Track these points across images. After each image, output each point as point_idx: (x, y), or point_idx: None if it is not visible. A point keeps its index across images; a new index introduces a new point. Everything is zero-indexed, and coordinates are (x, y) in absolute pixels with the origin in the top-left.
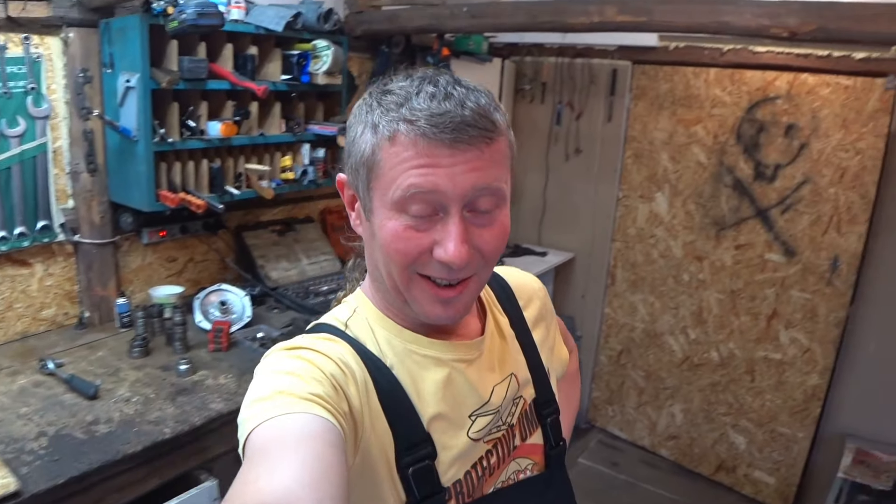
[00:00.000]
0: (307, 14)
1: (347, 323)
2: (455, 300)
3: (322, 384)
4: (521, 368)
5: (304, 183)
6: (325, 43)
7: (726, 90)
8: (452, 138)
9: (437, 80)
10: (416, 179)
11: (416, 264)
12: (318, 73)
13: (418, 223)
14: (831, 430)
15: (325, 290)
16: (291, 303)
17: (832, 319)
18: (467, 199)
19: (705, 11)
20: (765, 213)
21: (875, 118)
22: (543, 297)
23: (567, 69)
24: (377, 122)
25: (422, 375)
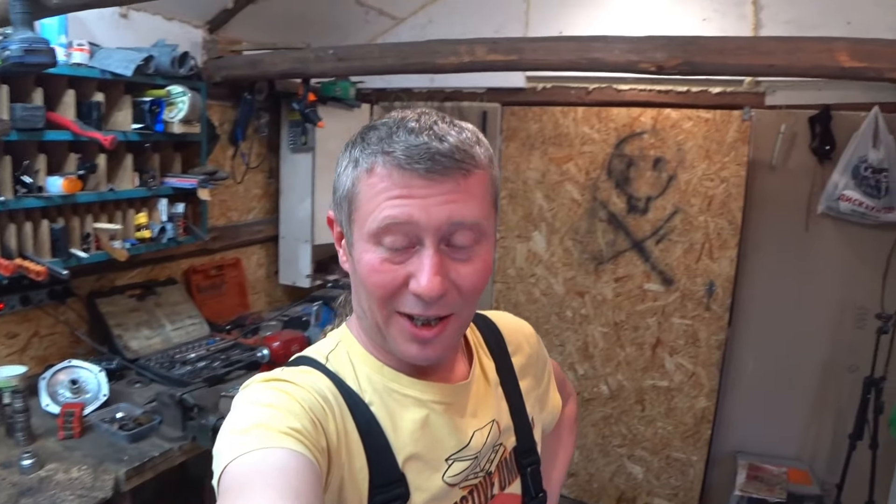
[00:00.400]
0: (160, 58)
1: (329, 357)
2: (433, 341)
3: (300, 418)
4: (504, 415)
5: (163, 241)
6: (181, 89)
7: (594, 127)
8: (426, 168)
9: (422, 116)
10: (390, 210)
11: (393, 300)
12: (173, 122)
13: (394, 255)
14: (722, 450)
15: (194, 358)
16: (155, 375)
17: (713, 342)
18: (443, 232)
19: (575, 49)
20: (640, 245)
21: (735, 148)
22: (535, 344)
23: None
24: (358, 157)
25: (400, 414)
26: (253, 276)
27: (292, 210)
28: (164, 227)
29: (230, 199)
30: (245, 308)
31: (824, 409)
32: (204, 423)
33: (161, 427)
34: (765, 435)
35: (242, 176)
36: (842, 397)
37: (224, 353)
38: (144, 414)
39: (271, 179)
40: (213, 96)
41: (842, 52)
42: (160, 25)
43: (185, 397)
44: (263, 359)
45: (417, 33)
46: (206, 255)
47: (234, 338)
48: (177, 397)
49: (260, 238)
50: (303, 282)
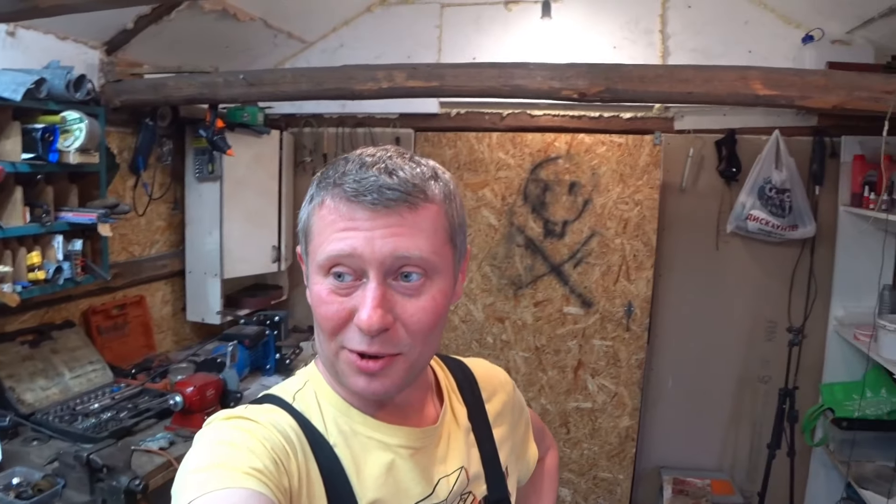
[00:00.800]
0: (53, 81)
1: (295, 396)
2: (380, 374)
3: (262, 458)
4: (474, 463)
5: (60, 283)
6: (78, 115)
7: (509, 153)
8: (371, 200)
9: (379, 151)
10: (336, 243)
11: (340, 334)
12: (69, 151)
13: (340, 288)
14: (647, 466)
15: (98, 409)
16: (55, 431)
17: (633, 362)
18: (388, 266)
19: (497, 75)
20: (559, 269)
21: (648, 171)
22: (511, 391)
23: (349, 139)
24: (313, 192)
25: (364, 458)
26: (158, 314)
27: (199, 242)
28: (61, 266)
29: (131, 232)
30: (150, 349)
31: (740, 420)
32: (115, 484)
33: (65, 492)
34: (686, 449)
35: (145, 208)
36: (756, 407)
37: (131, 401)
38: (45, 478)
39: (176, 210)
40: (112, 122)
41: (756, 81)
42: (52, 45)
43: (92, 458)
44: (176, 406)
45: (328, 58)
46: (106, 293)
47: (141, 383)
48: (83, 458)
49: (165, 273)
50: (213, 318)
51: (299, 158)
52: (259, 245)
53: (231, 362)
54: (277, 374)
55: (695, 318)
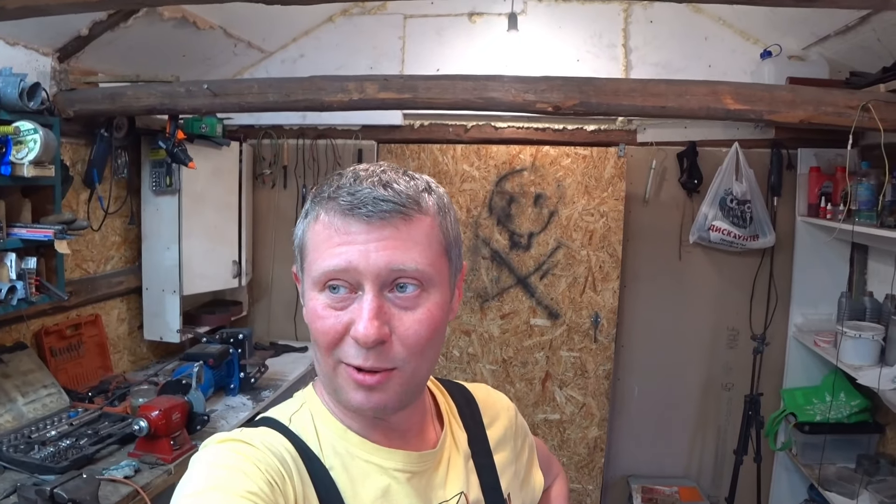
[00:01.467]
0: (5, 89)
1: (292, 418)
2: (377, 388)
3: (257, 481)
4: (474, 489)
5: (13, 304)
6: (32, 125)
7: (474, 165)
8: (366, 213)
9: (372, 166)
10: (331, 259)
11: (337, 348)
12: (23, 163)
13: (336, 301)
14: (615, 475)
15: (55, 436)
16: (10, 461)
17: (601, 372)
18: (383, 279)
19: (471, 87)
20: (525, 281)
21: (613, 183)
22: (513, 417)
23: (310, 151)
24: (308, 208)
25: (361, 482)
26: (114, 333)
27: (157, 258)
28: (14, 286)
29: (85, 248)
30: (107, 370)
31: (706, 427)
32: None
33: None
34: (653, 456)
35: (100, 223)
36: (720, 414)
37: (90, 426)
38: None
39: (132, 225)
40: (65, 133)
41: (727, 96)
42: (1, 52)
43: (56, 492)
44: (141, 432)
45: (287, 68)
46: (59, 313)
47: (99, 406)
48: (45, 492)
49: (121, 290)
50: (172, 336)
51: (258, 171)
52: (219, 260)
53: (197, 383)
54: (242, 393)
55: (659, 328)
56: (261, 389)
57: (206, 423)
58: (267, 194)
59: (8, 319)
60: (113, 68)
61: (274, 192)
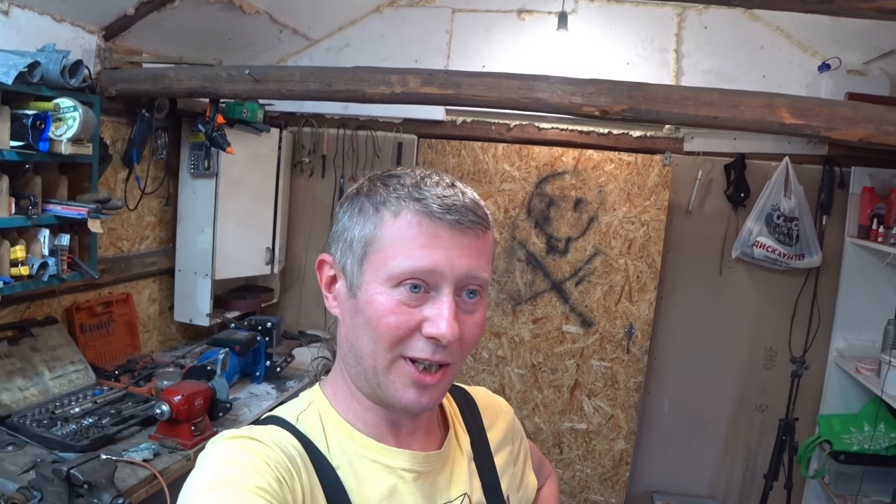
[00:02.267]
0: (48, 65)
1: (299, 417)
2: (432, 387)
3: (266, 477)
4: (476, 490)
5: (44, 279)
6: (72, 103)
7: (515, 165)
8: (455, 220)
9: (437, 172)
10: (418, 260)
11: (402, 344)
12: (61, 140)
13: (412, 299)
14: (638, 491)
15: (79, 413)
16: (32, 436)
17: (632, 385)
18: (460, 283)
19: (517, 87)
20: (560, 286)
21: (656, 192)
22: (511, 420)
23: (350, 141)
24: (383, 200)
25: (368, 481)
26: (144, 313)
27: (191, 240)
28: (46, 262)
29: (121, 226)
30: (135, 349)
31: (735, 447)
32: (96, 502)
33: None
34: (679, 474)
35: (137, 202)
36: (751, 435)
37: (114, 405)
38: (20, 490)
39: (167, 206)
40: (106, 112)
41: (783, 109)
42: (48, 27)
43: (73, 473)
44: (163, 415)
45: (332, 57)
46: (91, 290)
47: (125, 385)
48: (62, 472)
49: (153, 271)
50: (201, 320)
51: (297, 159)
52: (252, 246)
53: (222, 370)
54: (267, 382)
55: (694, 343)
56: (286, 379)
57: (229, 410)
58: (304, 183)
59: (40, 294)
60: (157, 49)
61: (311, 181)
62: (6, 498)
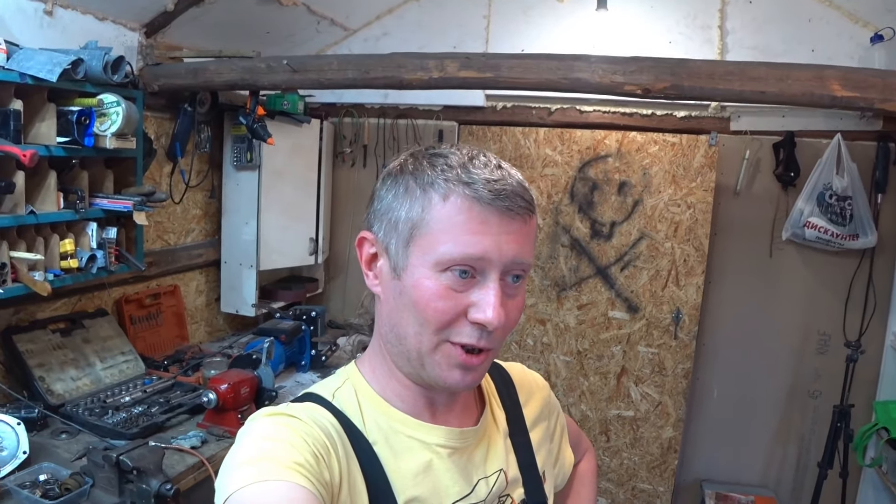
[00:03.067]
0: (91, 62)
1: (335, 394)
2: (475, 368)
3: (303, 452)
4: (512, 466)
5: (93, 272)
6: (115, 98)
7: (557, 149)
8: (505, 206)
9: (483, 152)
10: (467, 247)
11: (448, 328)
12: (105, 135)
13: (459, 284)
14: (688, 479)
15: (129, 402)
16: (84, 424)
17: (680, 371)
18: (507, 269)
19: (556, 67)
20: (605, 271)
21: (702, 173)
22: (547, 396)
23: (390, 130)
24: (431, 182)
25: (403, 456)
26: (192, 304)
27: (236, 232)
28: (94, 254)
29: (167, 220)
30: (183, 340)
31: (788, 435)
32: (145, 487)
33: (93, 492)
34: (729, 462)
35: (181, 195)
36: (804, 423)
37: (162, 394)
38: (73, 476)
39: (212, 199)
40: (149, 107)
41: (833, 82)
42: (91, 26)
43: (122, 459)
44: (210, 404)
45: (370, 46)
46: (140, 282)
47: (173, 375)
48: (112, 459)
49: (199, 263)
50: (247, 310)
51: (338, 149)
52: (296, 237)
53: (267, 359)
54: (312, 370)
55: (744, 327)
56: (331, 368)
57: (275, 398)
58: (346, 173)
59: (90, 287)
60: (197, 44)
61: (353, 171)
62: (60, 483)
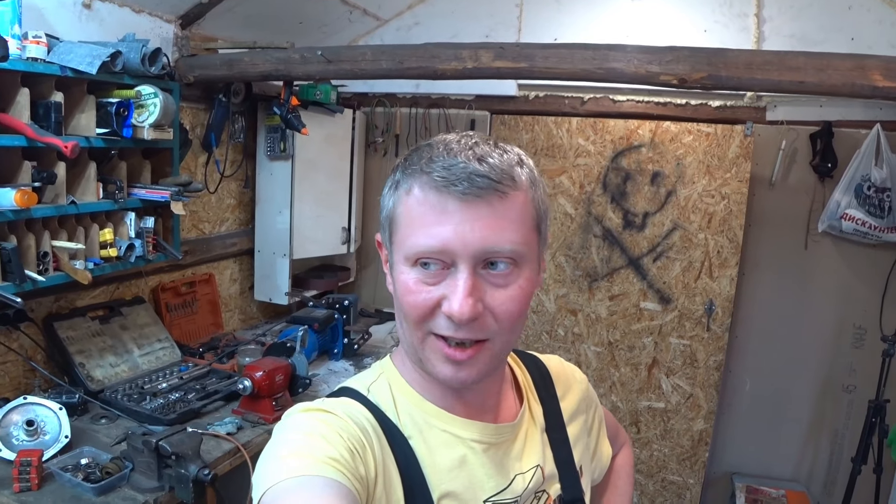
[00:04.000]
0: (129, 54)
1: (370, 388)
2: (466, 363)
3: (339, 448)
4: (549, 462)
5: (131, 260)
6: (152, 89)
7: (589, 139)
8: (462, 190)
9: (464, 137)
10: (425, 239)
11: (427, 321)
12: (143, 126)
13: (428, 276)
14: (718, 471)
15: (166, 388)
16: (123, 409)
17: (712, 363)
18: (478, 258)
19: (591, 57)
20: (637, 262)
21: (737, 164)
22: (585, 389)
23: (422, 120)
24: (399, 178)
25: (439, 451)
26: (226, 292)
27: (269, 221)
28: (133, 244)
29: (202, 209)
30: (218, 328)
31: (820, 430)
32: (183, 472)
33: (132, 476)
34: (760, 456)
35: (216, 185)
36: (838, 417)
37: (198, 381)
38: (113, 461)
39: (246, 188)
40: (185, 98)
41: (874, 71)
42: (128, 18)
43: (161, 444)
44: (245, 390)
45: (402, 36)
46: (176, 270)
47: (209, 362)
48: (151, 444)
49: (234, 251)
50: (280, 298)
51: (370, 139)
52: (329, 226)
53: (301, 347)
54: (345, 359)
55: (778, 320)
56: (363, 356)
57: (308, 386)
58: (378, 162)
59: (128, 275)
60: (231, 35)
61: (385, 161)
62: (101, 467)
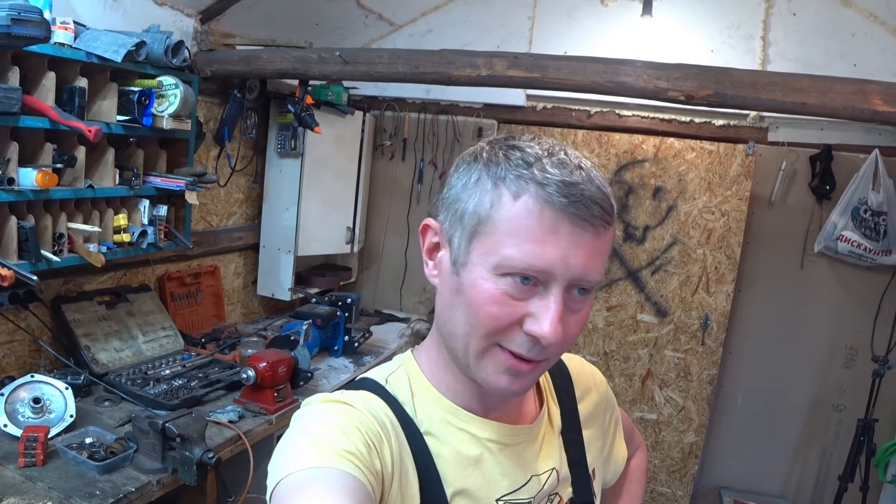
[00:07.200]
0: (153, 45)
1: (388, 378)
2: (526, 375)
3: (356, 441)
4: (563, 465)
5: (143, 247)
6: (174, 80)
7: (594, 152)
8: (578, 214)
9: (564, 148)
10: (531, 256)
11: (501, 335)
12: (163, 116)
13: (520, 292)
14: (706, 485)
15: (169, 375)
16: (127, 393)
17: (705, 377)
18: (571, 283)
19: (602, 70)
20: (636, 274)
21: (738, 182)
22: (603, 392)
23: (430, 125)
24: (502, 176)
25: (455, 448)
26: (230, 285)
27: (276, 217)
28: (145, 230)
29: (211, 202)
30: (220, 320)
31: (809, 447)
32: (188, 455)
33: (136, 456)
34: (749, 471)
35: (227, 179)
36: (827, 436)
37: (201, 370)
38: (117, 441)
39: (255, 184)
40: (201, 92)
41: (875, 96)
42: (150, 11)
43: (168, 426)
44: (248, 380)
45: (415, 42)
46: (182, 261)
47: (211, 353)
48: (158, 425)
49: (239, 245)
50: (283, 294)
51: (378, 142)
52: (334, 225)
53: (304, 341)
54: (345, 356)
55: (772, 337)
56: (363, 354)
57: (310, 379)
58: (385, 165)
59: (136, 262)
60: (249, 33)
61: (392, 164)
62: (105, 447)
